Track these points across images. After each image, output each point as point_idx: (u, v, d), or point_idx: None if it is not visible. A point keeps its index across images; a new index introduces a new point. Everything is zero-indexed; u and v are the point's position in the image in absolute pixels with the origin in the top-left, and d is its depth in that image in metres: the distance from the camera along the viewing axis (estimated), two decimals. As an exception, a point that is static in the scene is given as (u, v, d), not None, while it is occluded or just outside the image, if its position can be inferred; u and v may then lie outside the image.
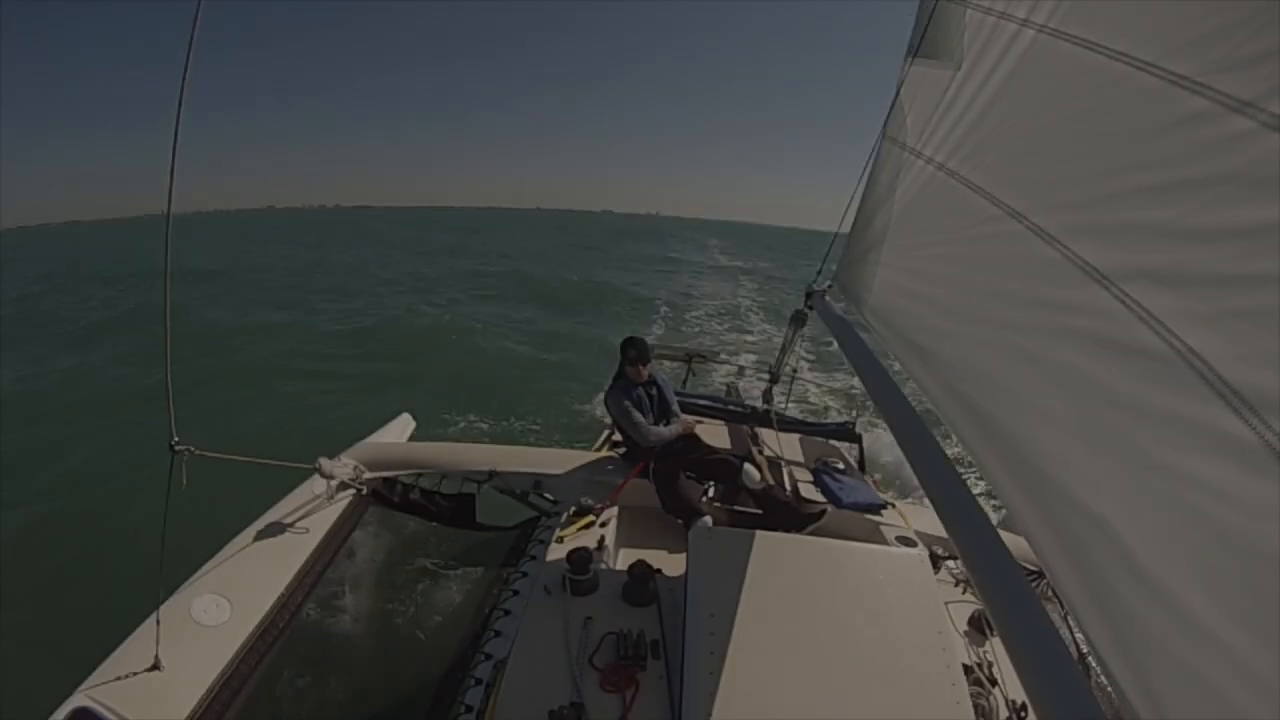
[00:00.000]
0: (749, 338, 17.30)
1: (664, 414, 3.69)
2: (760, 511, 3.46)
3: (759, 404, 5.10)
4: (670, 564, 2.70)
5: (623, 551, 3.32)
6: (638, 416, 3.50)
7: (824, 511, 3.38)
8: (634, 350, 3.50)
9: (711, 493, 3.72)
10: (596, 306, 21.20)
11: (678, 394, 4.10)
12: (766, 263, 46.38)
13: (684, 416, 3.79)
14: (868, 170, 2.54)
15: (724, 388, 7.41)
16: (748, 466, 3.46)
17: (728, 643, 2.11)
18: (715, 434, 4.37)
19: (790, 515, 3.34)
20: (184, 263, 31.44)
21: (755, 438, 4.38)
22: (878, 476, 4.86)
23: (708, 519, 3.31)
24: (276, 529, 2.94)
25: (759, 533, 2.52)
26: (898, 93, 2.28)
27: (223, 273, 28.54)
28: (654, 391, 3.65)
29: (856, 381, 2.08)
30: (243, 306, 19.99)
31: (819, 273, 3.19)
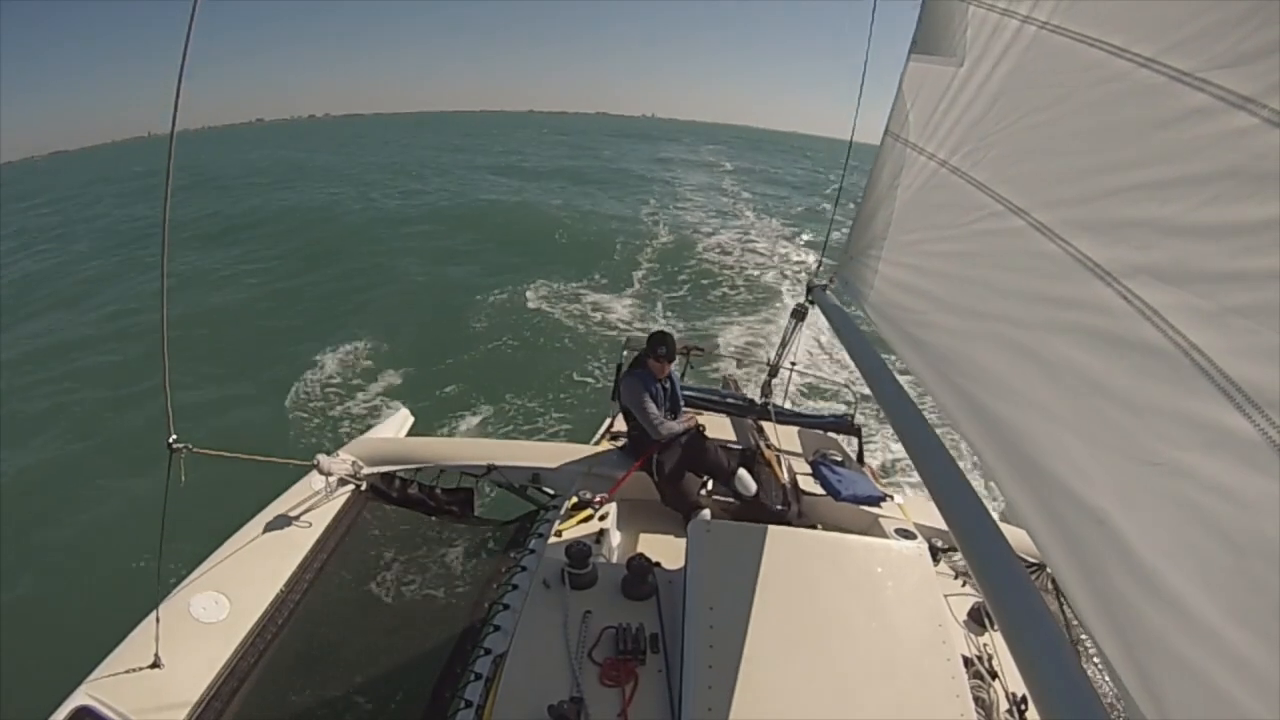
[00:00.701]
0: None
1: (673, 409, 3.69)
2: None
3: (757, 397, 5.10)
4: (669, 557, 2.70)
5: (622, 545, 3.32)
6: (653, 409, 3.49)
7: (814, 528, 3.37)
8: (664, 348, 3.46)
9: (711, 486, 3.72)
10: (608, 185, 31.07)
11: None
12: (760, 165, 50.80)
13: (688, 411, 3.79)
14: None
15: (721, 380, 7.41)
16: (742, 473, 3.46)
17: (727, 636, 2.11)
18: (716, 426, 4.37)
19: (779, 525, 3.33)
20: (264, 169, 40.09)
21: (760, 431, 4.38)
22: (877, 469, 4.87)
23: (706, 512, 3.31)
24: (275, 525, 2.94)
25: (758, 526, 2.52)
26: (900, 89, 2.27)
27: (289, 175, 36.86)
28: (668, 386, 3.65)
29: (857, 374, 2.09)
30: (329, 194, 28.36)
31: (819, 266, 3.19)
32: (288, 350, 11.56)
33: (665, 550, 3.12)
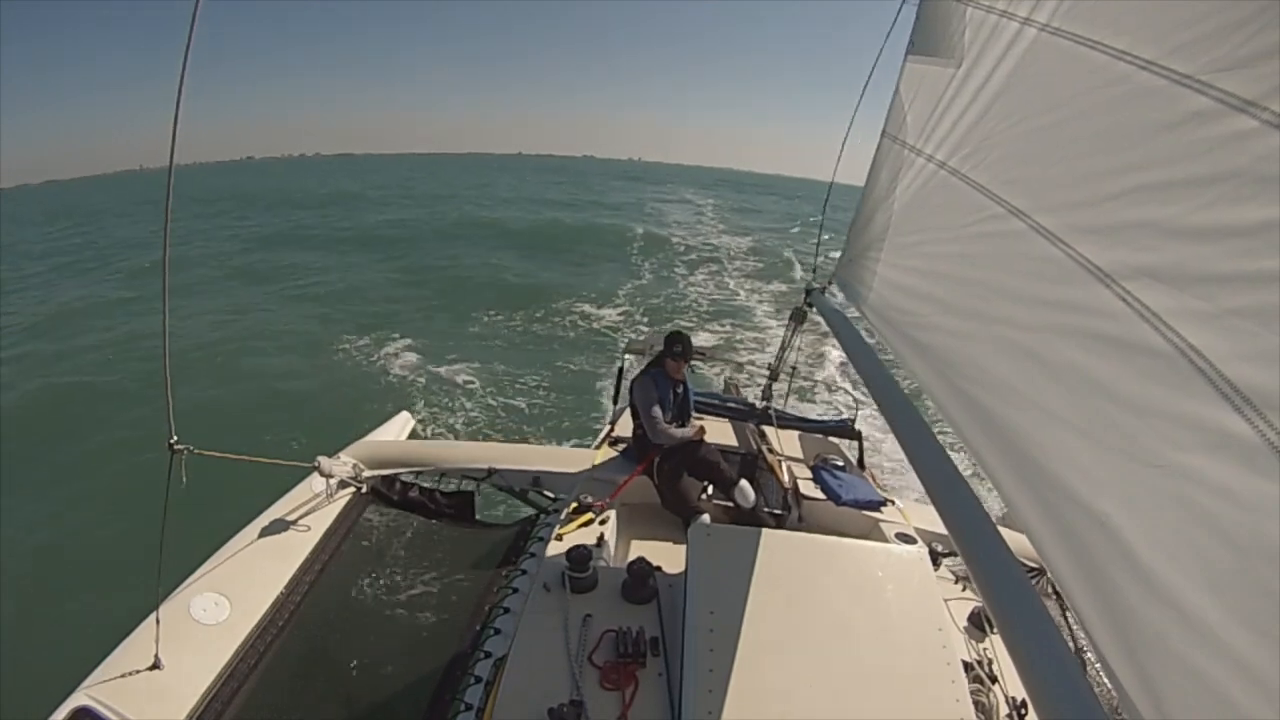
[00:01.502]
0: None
1: (682, 416, 3.67)
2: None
3: (759, 401, 5.10)
4: (670, 561, 2.70)
5: (622, 549, 3.32)
6: (658, 412, 3.48)
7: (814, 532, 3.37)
8: (681, 346, 3.48)
9: (711, 490, 3.72)
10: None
11: None
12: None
13: (696, 422, 3.76)
14: (837, 157, 2.58)
15: (723, 384, 7.41)
16: (743, 483, 3.46)
17: (727, 640, 2.11)
18: (718, 431, 4.37)
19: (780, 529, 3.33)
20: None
21: (762, 435, 4.37)
22: (878, 473, 4.87)
23: (706, 516, 3.31)
24: (276, 527, 2.94)
25: (758, 530, 2.52)
26: (897, 91, 2.28)
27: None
28: (680, 391, 3.64)
29: (857, 378, 2.10)
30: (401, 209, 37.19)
31: (815, 270, 3.19)
32: (291, 348, 11.70)
33: (666, 554, 3.12)
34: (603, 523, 3.16)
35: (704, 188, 72.62)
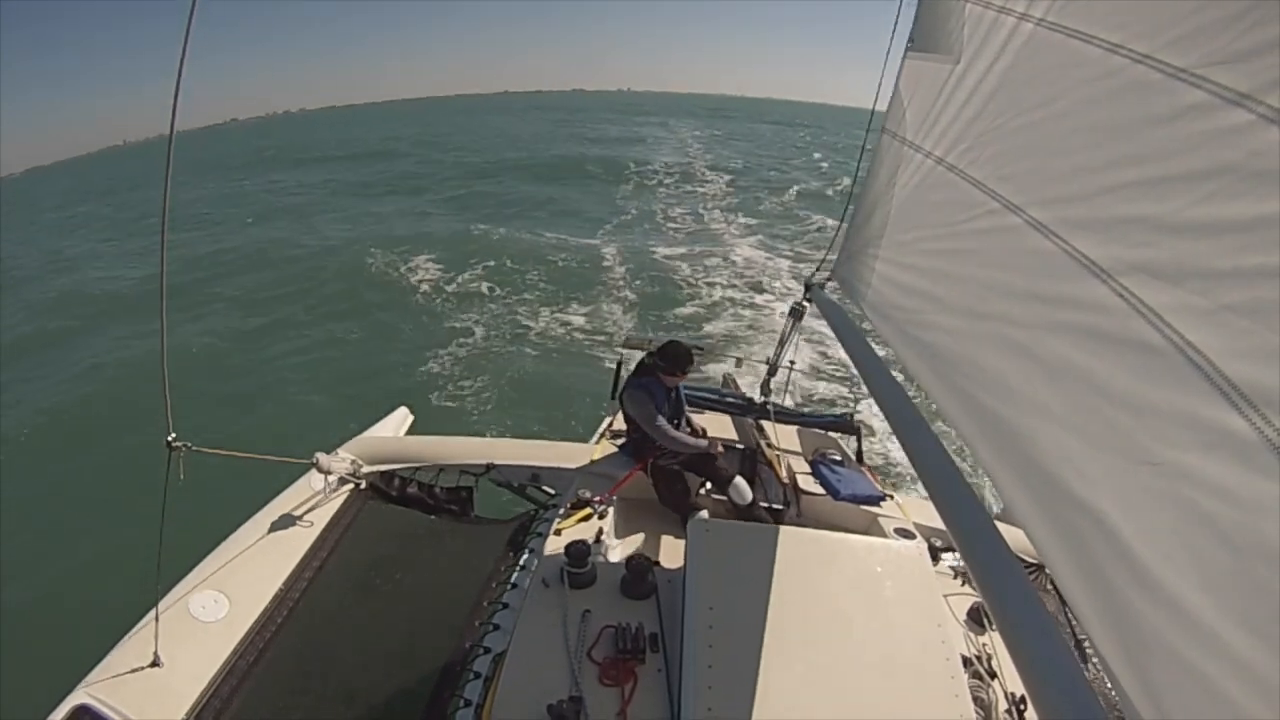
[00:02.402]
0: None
1: (677, 415, 3.63)
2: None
3: (757, 396, 5.09)
4: (669, 556, 2.70)
5: (621, 544, 3.32)
6: (662, 421, 3.40)
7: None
8: (679, 359, 3.37)
9: (710, 486, 3.71)
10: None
11: None
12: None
13: (712, 438, 3.68)
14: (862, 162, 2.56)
15: (721, 379, 7.40)
16: (739, 481, 3.44)
17: (726, 635, 2.11)
18: (716, 426, 4.36)
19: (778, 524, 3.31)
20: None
21: (761, 430, 4.37)
22: (876, 469, 4.86)
23: (705, 512, 3.31)
24: (274, 524, 2.94)
25: (757, 525, 2.52)
26: (896, 87, 2.27)
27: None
28: (673, 395, 3.60)
29: (856, 374, 2.10)
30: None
31: (818, 266, 3.18)
32: (290, 342, 11.68)
33: (665, 550, 3.12)
34: (601, 518, 3.16)
35: (698, 118, 72.36)
